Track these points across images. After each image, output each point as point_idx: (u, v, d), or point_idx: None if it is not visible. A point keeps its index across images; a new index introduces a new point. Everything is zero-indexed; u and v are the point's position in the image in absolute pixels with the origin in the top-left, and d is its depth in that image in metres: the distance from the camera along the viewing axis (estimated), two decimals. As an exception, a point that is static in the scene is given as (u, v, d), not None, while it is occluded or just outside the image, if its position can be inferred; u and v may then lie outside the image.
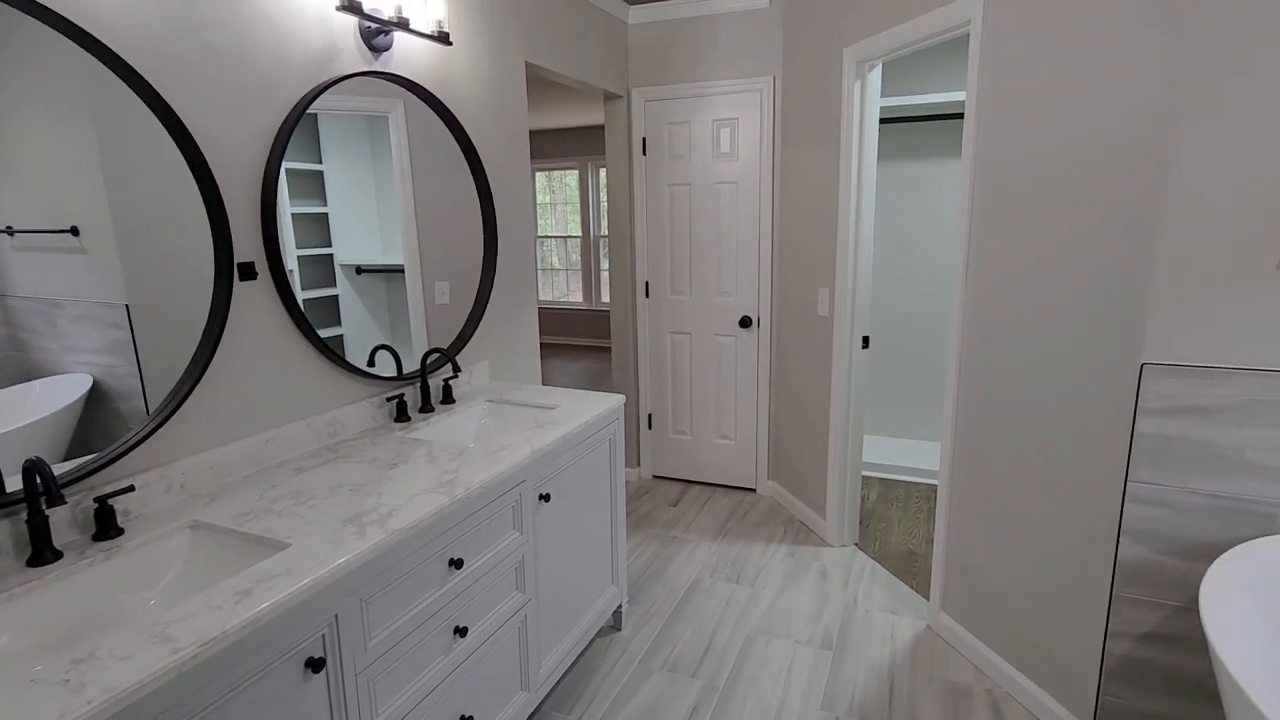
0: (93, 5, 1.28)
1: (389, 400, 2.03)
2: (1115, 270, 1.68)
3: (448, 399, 2.22)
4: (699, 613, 2.57)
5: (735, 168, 3.38)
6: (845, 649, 2.34)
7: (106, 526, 1.29)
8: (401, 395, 2.06)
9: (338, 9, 1.75)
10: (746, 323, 3.50)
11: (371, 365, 2.00)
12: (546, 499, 1.86)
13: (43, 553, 1.20)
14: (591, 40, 3.13)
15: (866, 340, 2.91)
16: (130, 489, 1.33)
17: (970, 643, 2.25)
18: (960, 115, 3.62)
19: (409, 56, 2.06)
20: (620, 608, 2.45)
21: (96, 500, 1.29)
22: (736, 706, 2.08)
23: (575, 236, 7.85)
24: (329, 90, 1.77)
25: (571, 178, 7.71)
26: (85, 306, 1.30)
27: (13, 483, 1.21)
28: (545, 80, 4.67)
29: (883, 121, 3.84)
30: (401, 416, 2.05)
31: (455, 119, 2.22)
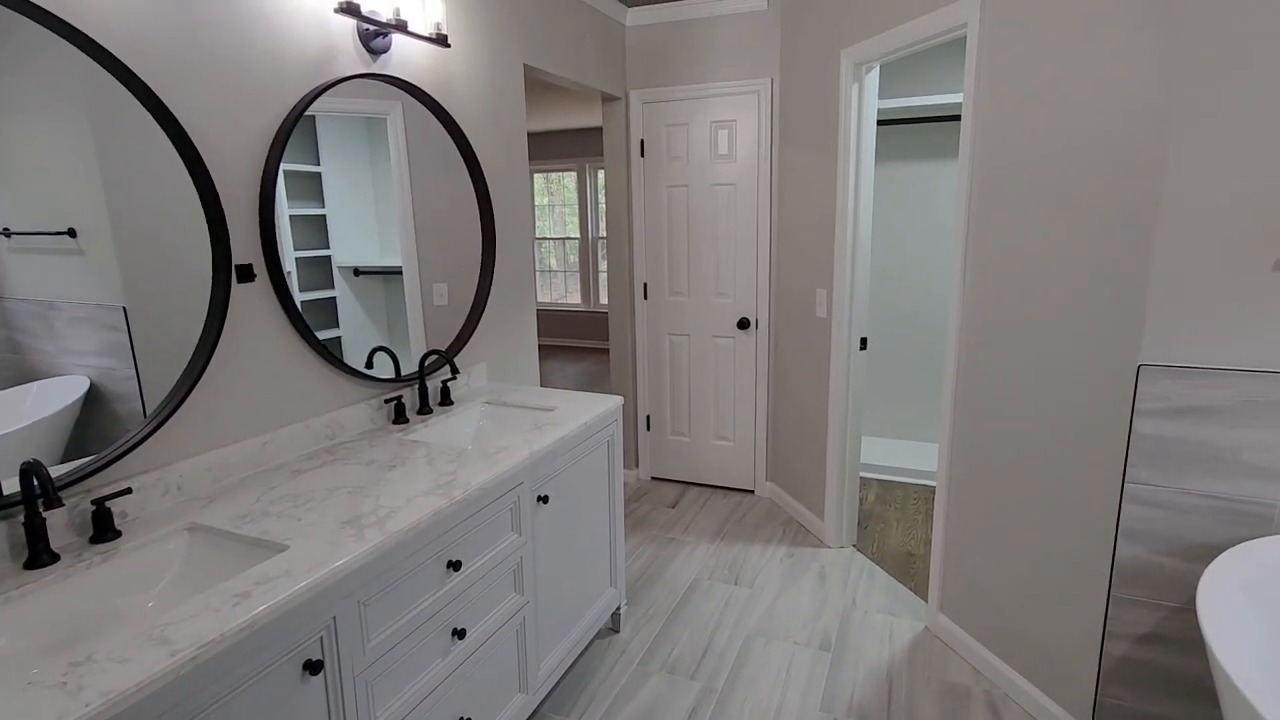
0: (90, 7, 1.28)
1: (387, 402, 2.03)
2: (1112, 271, 1.68)
3: (446, 401, 2.22)
4: (697, 614, 2.57)
5: (733, 169, 3.38)
6: (844, 650, 2.34)
7: (104, 529, 1.29)
8: (400, 397, 2.06)
9: (336, 11, 1.75)
10: (745, 324, 3.50)
11: (369, 367, 2.00)
12: (545, 501, 1.85)
13: (40, 555, 1.20)
14: (589, 42, 3.14)
15: (864, 342, 2.92)
16: (128, 491, 1.33)
17: (968, 644, 2.26)
18: (957, 117, 3.63)
19: (407, 58, 2.06)
20: (619, 609, 2.45)
21: (94, 503, 1.28)
22: (735, 708, 2.08)
23: (573, 238, 7.86)
24: (327, 92, 1.77)
25: (570, 179, 7.71)
26: (82, 308, 1.30)
27: (9, 485, 1.20)
28: (543, 82, 4.67)
29: (880, 123, 3.84)
30: (400, 418, 2.04)
31: (453, 121, 2.22)
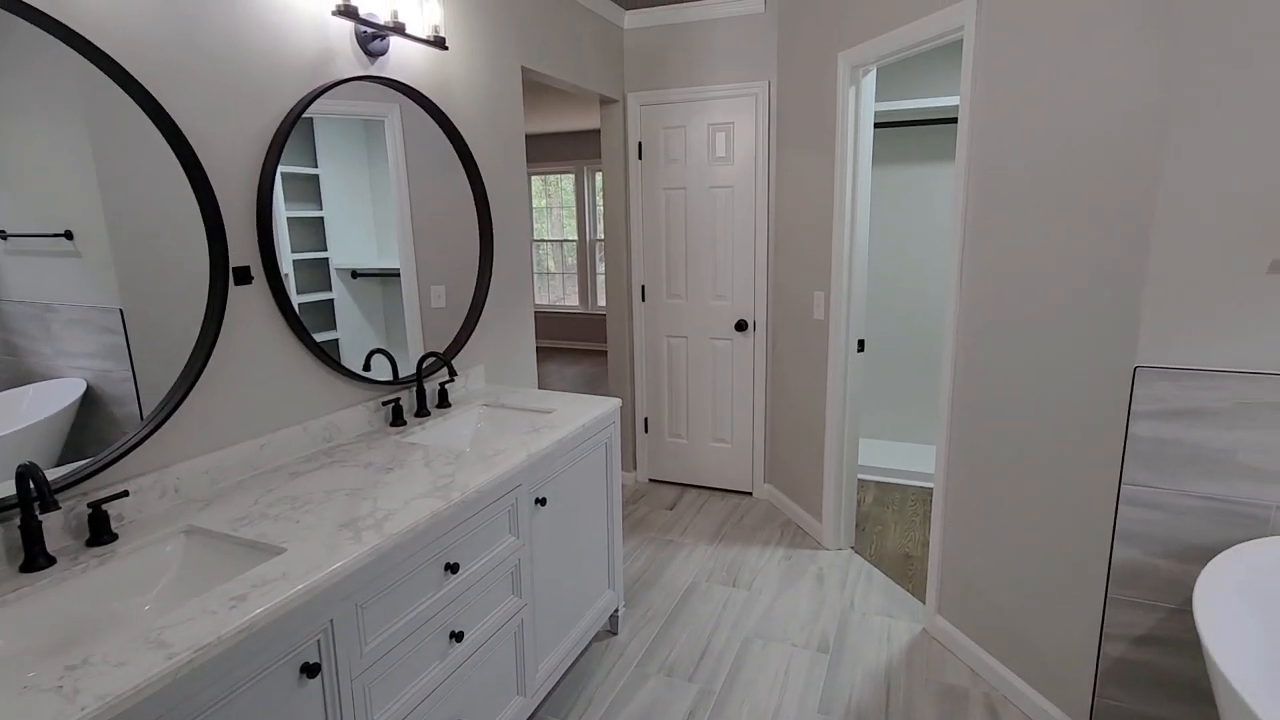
0: (87, 9, 1.28)
1: (385, 404, 2.03)
2: (1108, 273, 1.68)
3: (444, 403, 2.22)
4: (695, 616, 2.57)
5: (731, 172, 3.39)
6: (842, 652, 2.34)
7: (100, 532, 1.29)
8: (397, 399, 2.05)
9: (333, 14, 1.75)
10: (742, 326, 3.50)
11: (367, 369, 2.00)
12: (543, 503, 1.85)
13: (36, 558, 1.19)
14: (587, 45, 3.14)
15: (862, 344, 2.92)
16: (124, 494, 1.33)
17: (966, 646, 2.26)
18: (954, 120, 3.64)
19: (405, 61, 2.07)
20: (617, 612, 2.44)
21: (90, 505, 1.28)
22: (733, 710, 2.08)
23: (571, 240, 7.86)
24: (325, 94, 1.77)
25: (567, 181, 7.72)
26: (79, 311, 1.29)
27: (5, 488, 1.20)
28: (541, 84, 4.68)
29: (877, 126, 3.85)
30: (397, 421, 2.04)
31: (451, 123, 2.22)
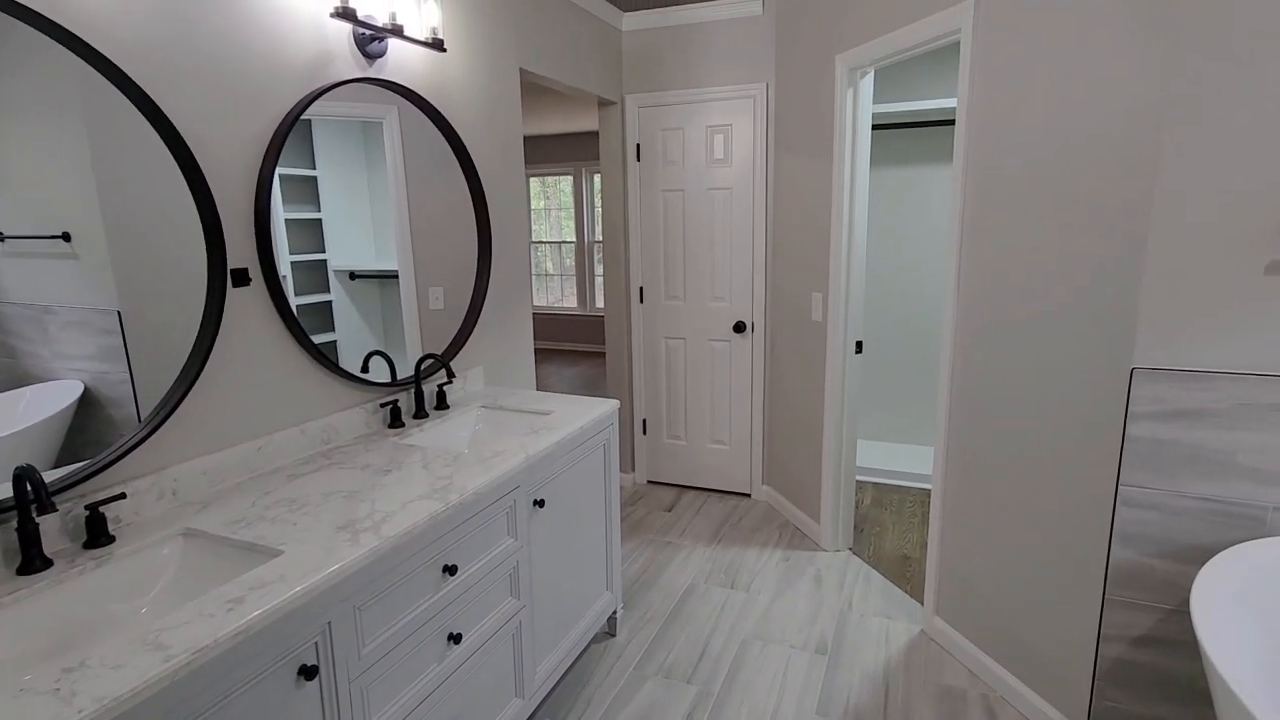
0: (85, 11, 1.28)
1: (383, 406, 2.03)
2: (1106, 274, 1.69)
3: (442, 405, 2.22)
4: (694, 618, 2.57)
5: (729, 173, 3.39)
6: (840, 654, 2.34)
7: (97, 534, 1.29)
8: (395, 401, 2.05)
9: (332, 16, 1.75)
10: (740, 328, 3.50)
11: (365, 371, 2.00)
12: (541, 505, 1.85)
13: (33, 561, 1.19)
14: (586, 47, 3.14)
15: (860, 345, 2.92)
16: (122, 496, 1.32)
17: (964, 647, 2.26)
18: (952, 121, 3.64)
19: (403, 63, 2.07)
20: (615, 614, 2.44)
21: (87, 508, 1.28)
22: (731, 711, 2.07)
23: (569, 242, 7.86)
24: (323, 96, 1.77)
25: (566, 183, 7.72)
26: (77, 312, 1.29)
27: (2, 490, 1.20)
28: (540, 86, 4.68)
29: (875, 128, 3.86)
30: (395, 423, 2.04)
31: (449, 125, 2.23)
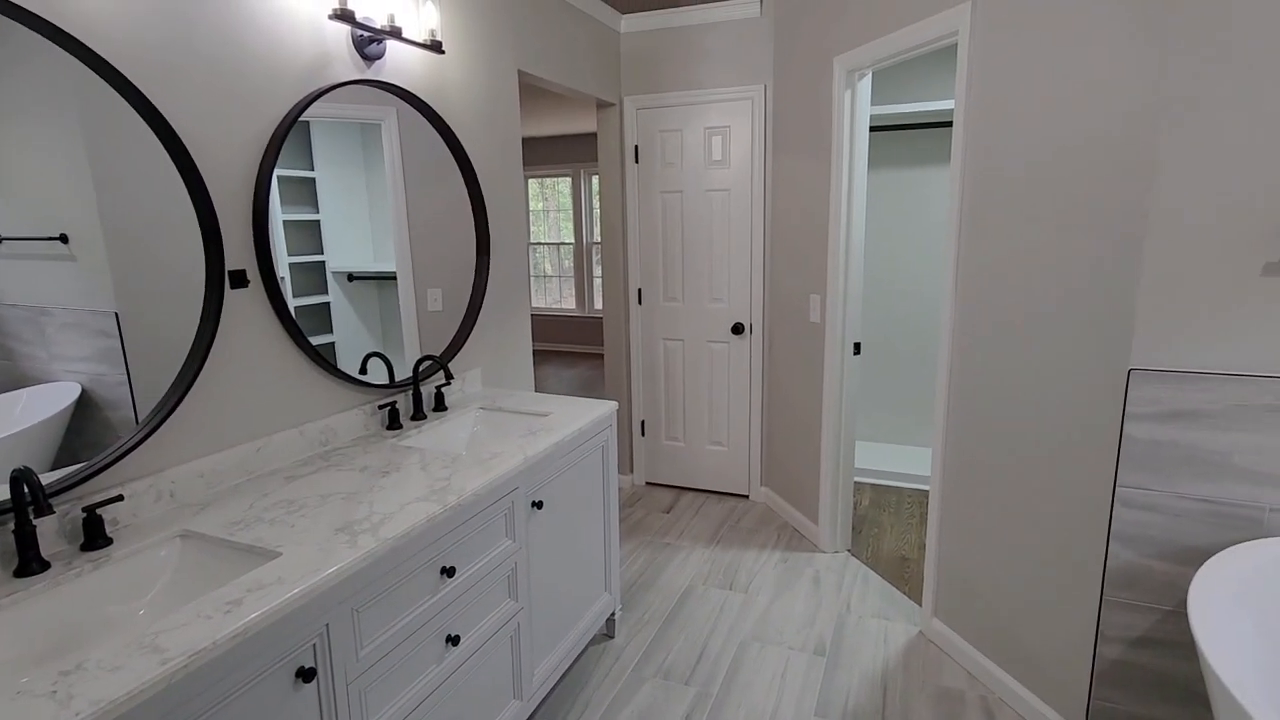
0: (81, 12, 1.28)
1: (381, 408, 2.03)
2: (1103, 275, 1.69)
3: (440, 406, 2.22)
4: (692, 620, 2.57)
5: (727, 175, 3.39)
6: (838, 655, 2.34)
7: (95, 536, 1.28)
8: (394, 403, 2.05)
9: (330, 17, 1.75)
10: (739, 329, 3.51)
11: (363, 373, 1.99)
12: (539, 506, 1.85)
13: (30, 563, 1.19)
14: (584, 49, 3.15)
15: (858, 346, 2.93)
16: (119, 498, 1.32)
17: (963, 648, 2.26)
18: (949, 123, 3.65)
19: (402, 65, 2.07)
20: (613, 615, 2.44)
21: (85, 510, 1.27)
22: (730, 713, 2.07)
23: (568, 243, 7.86)
24: (321, 98, 1.77)
25: (564, 185, 7.72)
26: (74, 314, 1.29)
27: None
28: (538, 88, 4.68)
29: (873, 129, 3.86)
30: (394, 424, 2.04)
31: (448, 127, 2.23)
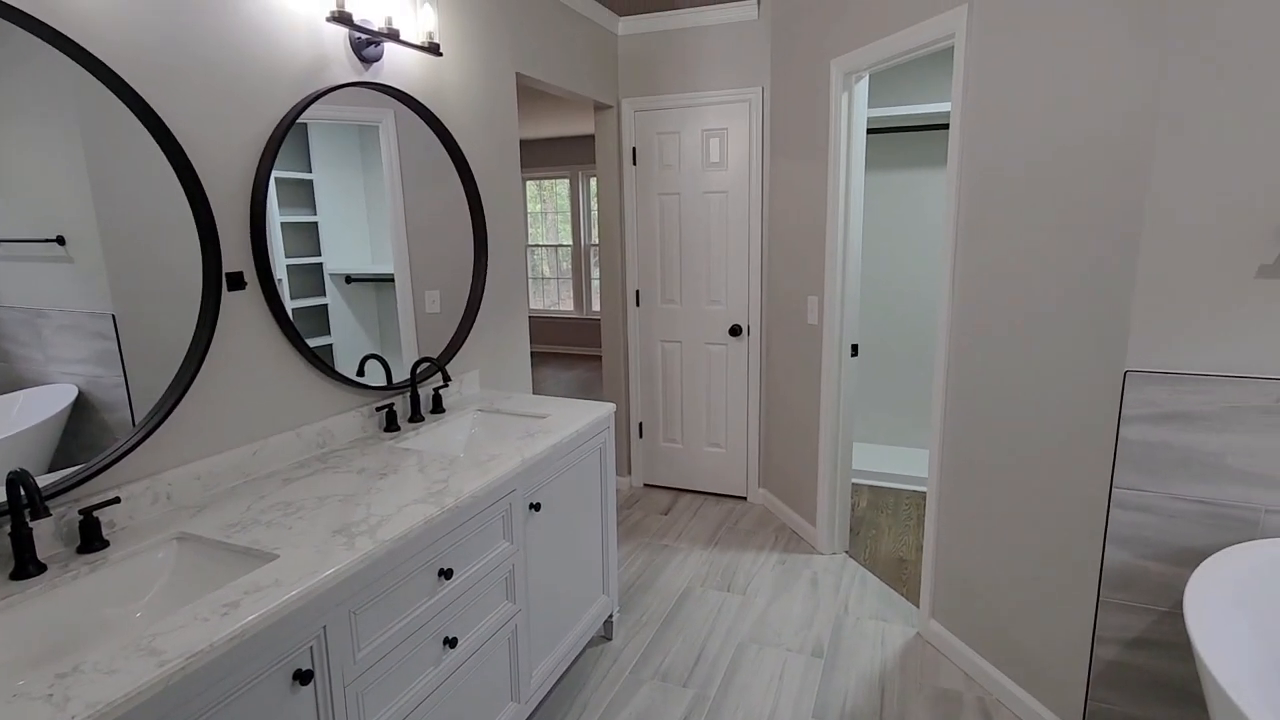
0: (78, 14, 1.28)
1: (378, 410, 2.03)
2: (1099, 278, 1.70)
3: (438, 408, 2.22)
4: (690, 621, 2.57)
5: (725, 177, 3.40)
6: (836, 657, 2.35)
7: (91, 539, 1.28)
8: (391, 405, 2.05)
9: (328, 20, 1.75)
10: (736, 331, 3.51)
11: (361, 375, 1.99)
12: (537, 508, 1.85)
13: (26, 566, 1.18)
14: (581, 51, 3.15)
15: (856, 348, 2.93)
16: (116, 501, 1.32)
17: (960, 649, 2.26)
18: (946, 125, 3.66)
19: (399, 67, 2.07)
20: (611, 617, 2.44)
21: (81, 512, 1.27)
22: (728, 715, 2.07)
23: (566, 245, 7.86)
24: (319, 100, 1.77)
25: (562, 187, 7.73)
26: (71, 316, 1.29)
27: (-4, 495, 1.20)
28: (536, 90, 4.68)
29: (870, 132, 3.88)
30: (391, 426, 2.04)
31: (446, 129, 2.23)
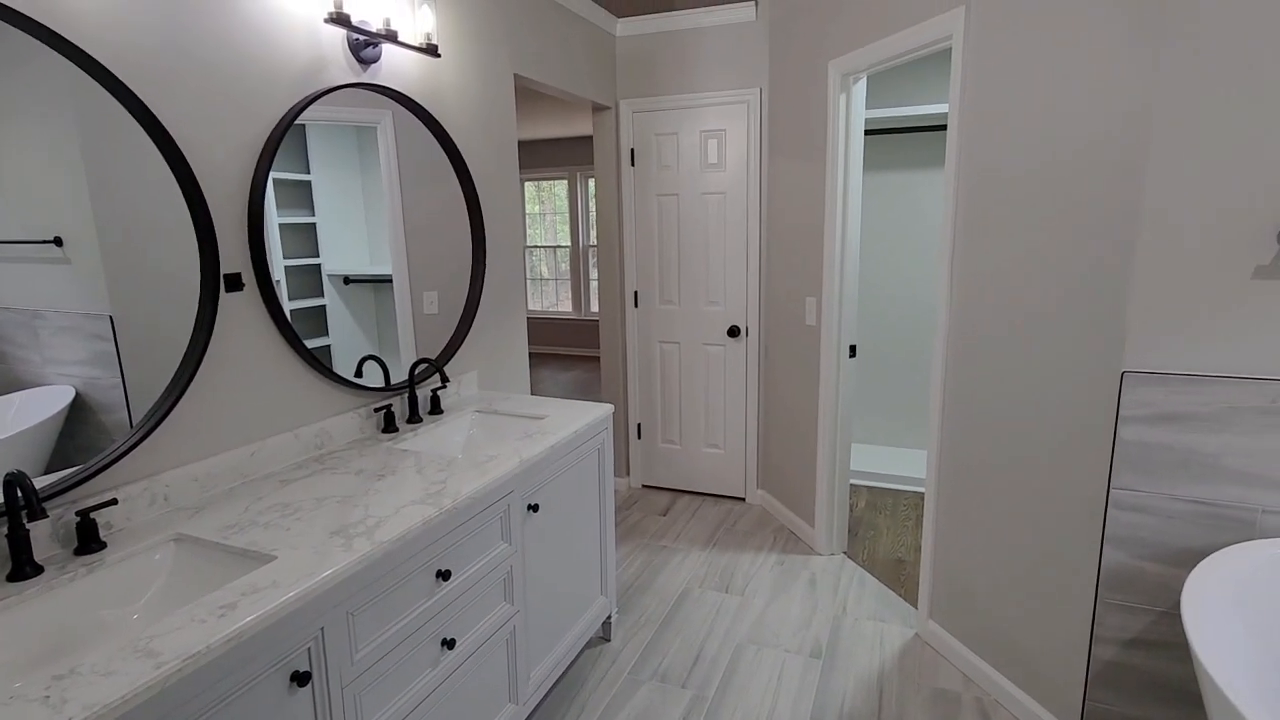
0: (76, 14, 1.28)
1: (376, 411, 2.03)
2: (1096, 279, 1.70)
3: (436, 409, 2.22)
4: (688, 622, 2.57)
5: (723, 178, 3.40)
6: (834, 658, 2.35)
7: (89, 540, 1.28)
8: (389, 406, 2.05)
9: (326, 21, 1.75)
10: (735, 332, 3.51)
11: (359, 376, 1.99)
12: (535, 509, 1.85)
13: (23, 567, 1.18)
14: (580, 52, 3.15)
15: (854, 349, 2.93)
16: (113, 502, 1.32)
17: (958, 650, 2.26)
18: (944, 127, 3.66)
19: (397, 68, 2.07)
20: (609, 618, 2.44)
21: (79, 514, 1.27)
22: (726, 716, 2.07)
23: (564, 246, 7.86)
24: (317, 101, 1.77)
25: (560, 188, 7.73)
26: (68, 318, 1.29)
27: (-7, 496, 1.19)
28: (534, 91, 4.69)
29: (868, 133, 3.88)
30: (389, 427, 2.04)
31: (444, 130, 2.23)
